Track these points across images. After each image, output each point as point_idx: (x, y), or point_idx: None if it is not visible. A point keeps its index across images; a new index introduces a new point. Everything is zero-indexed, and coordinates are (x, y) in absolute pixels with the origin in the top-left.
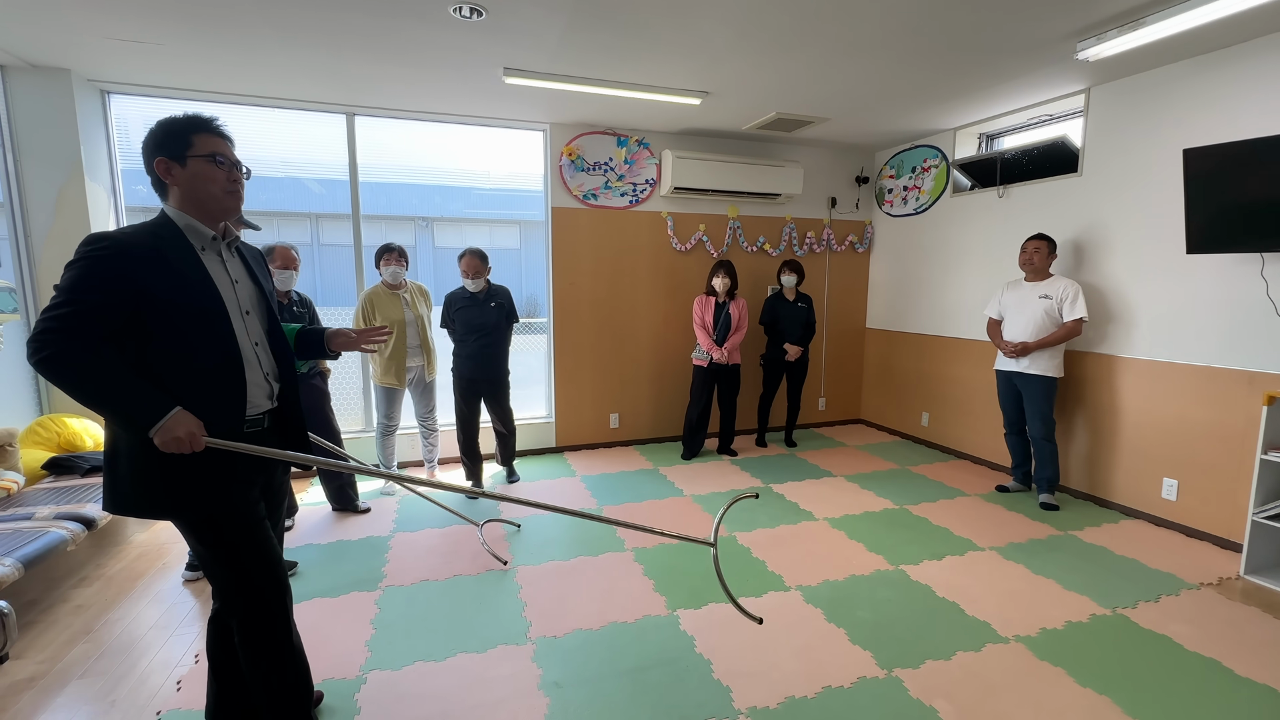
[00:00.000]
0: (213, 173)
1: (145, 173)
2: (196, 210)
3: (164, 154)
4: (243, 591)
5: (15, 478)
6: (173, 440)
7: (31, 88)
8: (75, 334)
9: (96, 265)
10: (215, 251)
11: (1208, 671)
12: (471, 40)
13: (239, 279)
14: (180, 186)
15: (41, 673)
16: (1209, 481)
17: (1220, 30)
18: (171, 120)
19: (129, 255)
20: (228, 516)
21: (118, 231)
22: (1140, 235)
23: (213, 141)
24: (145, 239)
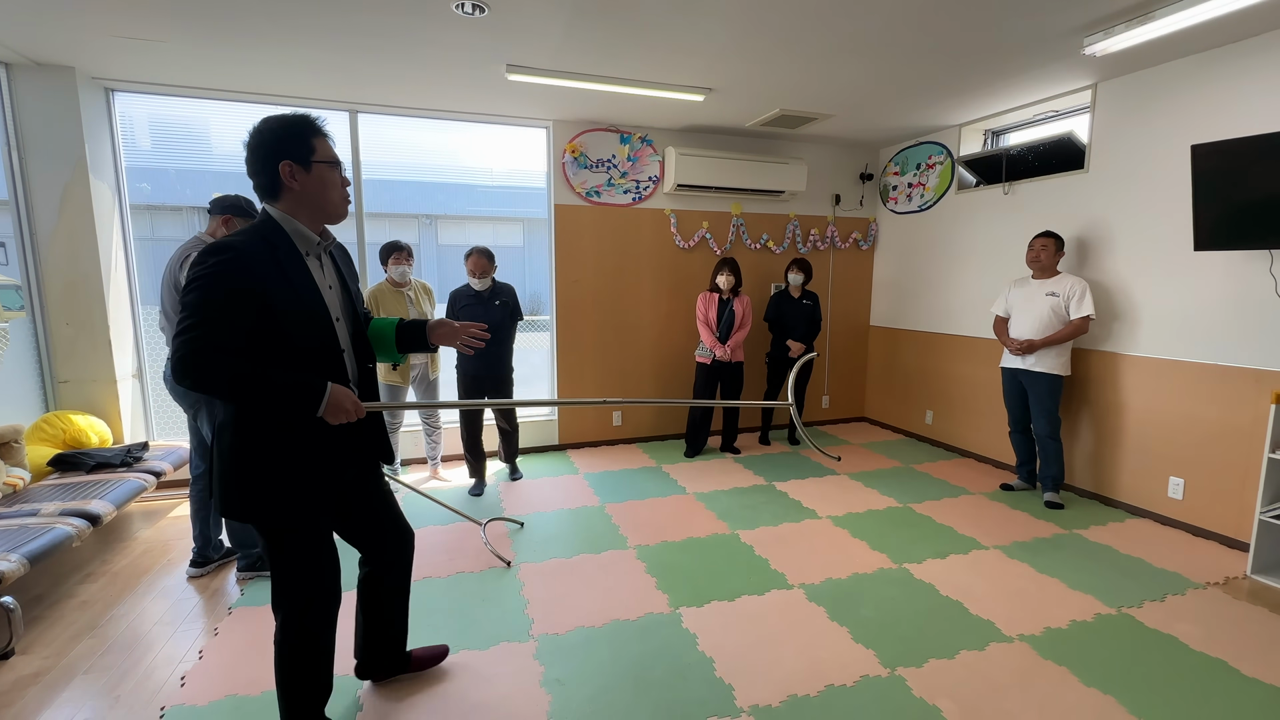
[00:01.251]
0: (335, 178)
1: (250, 174)
2: (310, 214)
3: (290, 157)
4: (291, 597)
5: (21, 474)
6: (341, 411)
7: (36, 85)
8: (216, 350)
9: (222, 279)
10: (315, 256)
11: (1214, 672)
12: (474, 37)
13: (332, 284)
14: (301, 190)
15: (47, 668)
16: (1216, 480)
17: (1229, 25)
18: (290, 121)
19: (250, 266)
20: (291, 532)
21: (236, 240)
22: (1147, 232)
23: (329, 146)
24: (261, 246)
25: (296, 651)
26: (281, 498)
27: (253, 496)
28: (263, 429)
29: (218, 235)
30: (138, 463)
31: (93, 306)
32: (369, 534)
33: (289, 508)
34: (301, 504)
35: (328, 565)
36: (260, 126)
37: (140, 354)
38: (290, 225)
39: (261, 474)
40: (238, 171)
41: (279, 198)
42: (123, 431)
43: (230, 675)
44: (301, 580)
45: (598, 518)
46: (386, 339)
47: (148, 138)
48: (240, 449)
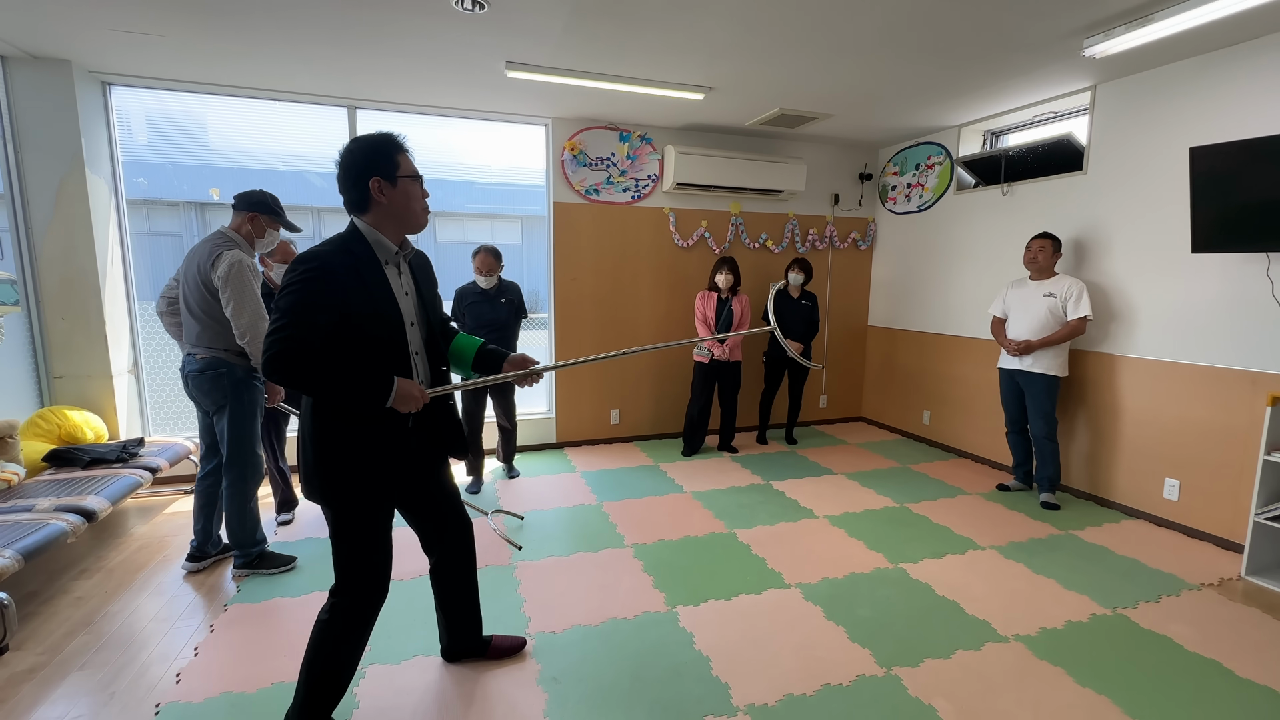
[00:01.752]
0: (416, 191)
1: (342, 190)
2: (394, 226)
3: (379, 174)
4: (346, 580)
5: (16, 469)
6: (410, 400)
7: (32, 79)
8: (302, 349)
9: (310, 285)
10: (394, 265)
11: (1208, 672)
12: (474, 33)
13: (409, 291)
14: (387, 205)
15: (42, 664)
16: (1211, 482)
17: (1228, 27)
18: (377, 140)
19: (333, 275)
20: (354, 519)
21: (322, 250)
22: (1145, 234)
23: (410, 161)
24: (344, 257)
25: (339, 633)
26: (356, 482)
27: (330, 478)
28: (341, 418)
29: (242, 230)
30: (133, 459)
31: (88, 301)
32: (433, 524)
33: (363, 492)
34: (374, 489)
35: (385, 556)
36: (350, 147)
37: (136, 349)
38: (373, 236)
39: (340, 459)
40: (235, 166)
41: (367, 211)
42: (118, 427)
43: (226, 672)
44: (363, 565)
45: (595, 516)
46: (465, 357)
47: (144, 132)
48: (320, 436)
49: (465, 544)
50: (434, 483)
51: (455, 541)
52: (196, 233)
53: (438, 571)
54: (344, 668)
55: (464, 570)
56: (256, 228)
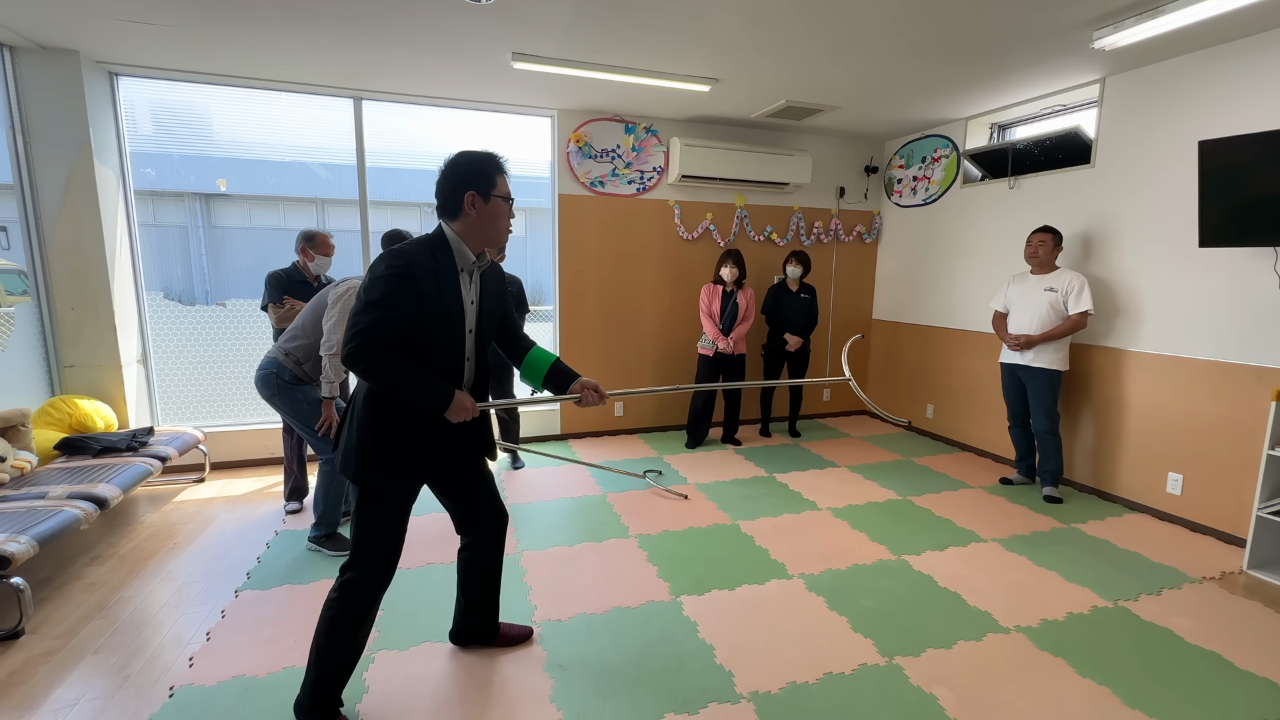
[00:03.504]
0: (505, 211)
1: (438, 195)
2: (478, 238)
3: (475, 189)
4: (366, 558)
5: (28, 457)
6: (463, 412)
7: (40, 69)
8: (383, 341)
9: (395, 282)
10: (469, 273)
11: (1208, 664)
12: (480, 24)
13: (474, 300)
14: (477, 218)
15: (57, 648)
16: (1214, 476)
17: (1239, 20)
18: (482, 158)
19: (415, 275)
20: (382, 499)
21: (410, 250)
22: (1152, 228)
23: (506, 183)
24: (428, 260)
25: (348, 609)
26: (391, 468)
27: (366, 461)
28: (394, 411)
29: None
30: (143, 447)
31: (97, 291)
32: (469, 512)
33: (395, 478)
34: (405, 476)
35: (399, 539)
36: (455, 158)
37: (144, 339)
38: (456, 243)
39: (386, 446)
40: (240, 157)
41: (456, 219)
42: (128, 416)
43: (237, 657)
44: (378, 542)
45: (599, 507)
46: (539, 370)
47: (150, 123)
48: (371, 422)
49: (497, 533)
50: (470, 472)
51: (488, 529)
52: (202, 223)
53: (466, 553)
54: (351, 646)
55: (491, 558)
56: None
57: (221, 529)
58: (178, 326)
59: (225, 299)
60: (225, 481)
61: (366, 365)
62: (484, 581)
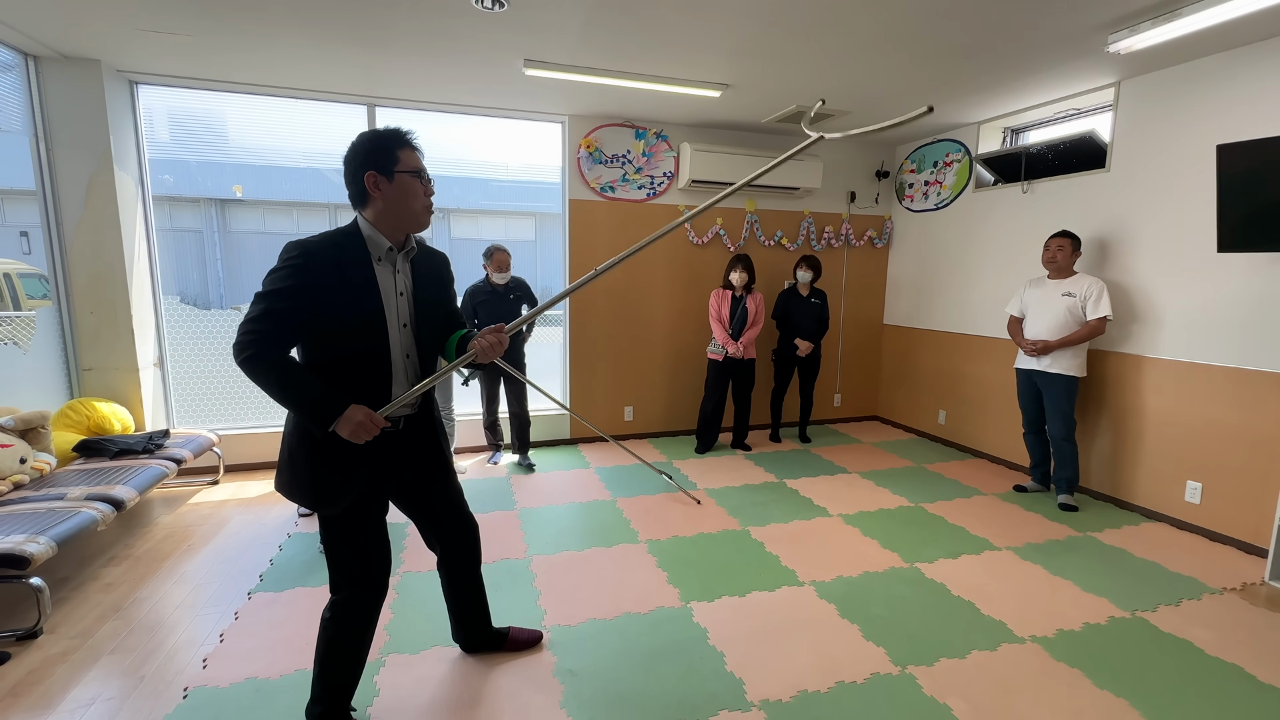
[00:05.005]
0: (416, 188)
1: (346, 184)
2: (391, 223)
3: (374, 168)
4: (337, 579)
5: (47, 459)
6: (356, 426)
7: (63, 78)
8: (270, 338)
9: (288, 275)
10: (390, 262)
11: (1229, 677)
12: (493, 31)
13: (404, 291)
14: (384, 200)
15: (74, 648)
16: (1235, 485)
17: (1256, 22)
18: (378, 134)
19: (311, 266)
20: (336, 520)
21: (308, 241)
22: (1169, 233)
23: (414, 157)
24: (329, 250)
25: (340, 632)
26: (329, 486)
27: (311, 483)
28: None
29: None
30: (159, 450)
31: (116, 296)
32: (433, 526)
33: (335, 496)
34: (345, 494)
35: (375, 556)
36: (353, 141)
37: (161, 343)
38: (368, 231)
39: (314, 462)
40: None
41: (365, 206)
42: (144, 419)
43: (250, 658)
44: (348, 566)
45: (609, 512)
46: (450, 348)
47: (168, 130)
48: (297, 435)
49: (466, 544)
50: (434, 488)
51: (455, 542)
52: (217, 229)
53: (442, 567)
54: (354, 661)
55: (466, 569)
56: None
57: (235, 531)
58: (193, 330)
59: (240, 303)
60: (239, 484)
61: (250, 366)
62: (464, 594)
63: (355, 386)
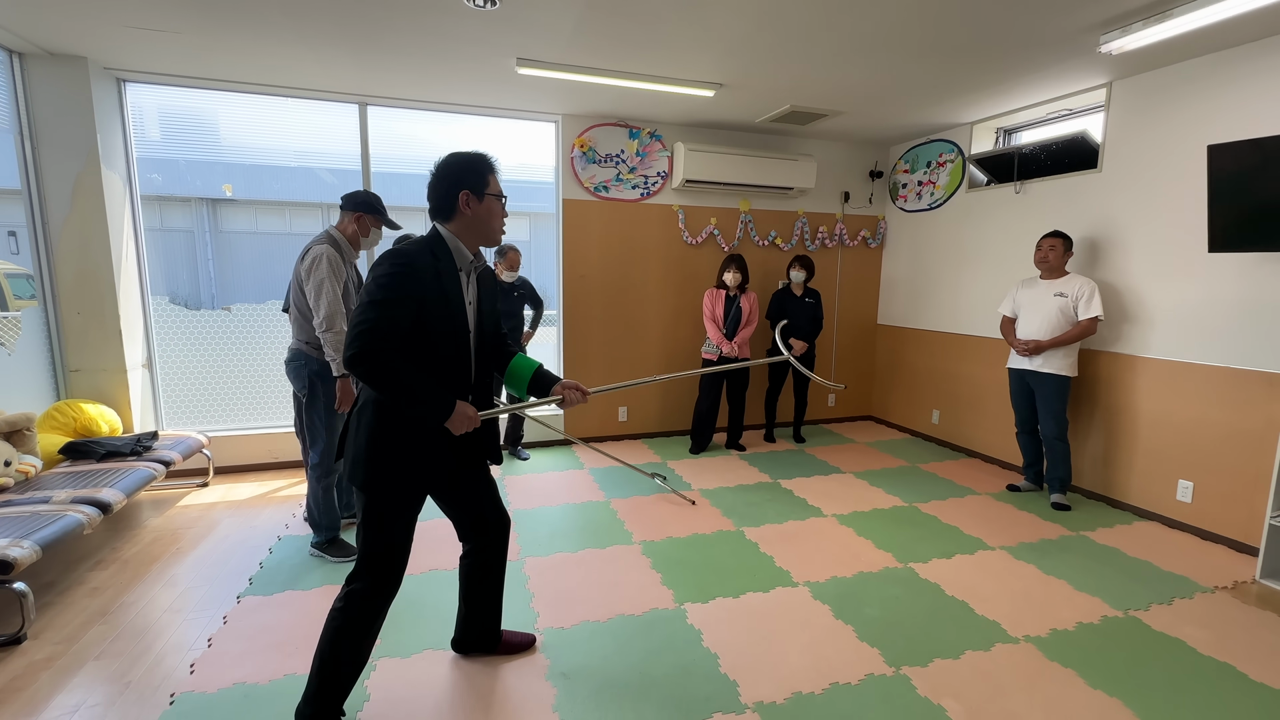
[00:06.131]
0: (499, 210)
1: (431, 196)
2: (472, 237)
3: (468, 188)
4: (367, 565)
5: (33, 461)
6: (464, 421)
7: (49, 75)
8: (388, 341)
9: (398, 280)
10: (466, 273)
11: (1221, 676)
12: (485, 30)
13: (472, 300)
14: (472, 217)
15: (59, 653)
16: (1226, 484)
17: (1249, 23)
18: (475, 157)
19: (419, 274)
20: (390, 509)
21: (410, 249)
22: (1160, 233)
23: (498, 182)
24: (429, 259)
25: (353, 620)
26: (400, 475)
27: (374, 468)
28: (403, 416)
29: (347, 230)
30: (147, 452)
31: (103, 296)
32: (473, 518)
33: (404, 485)
34: (414, 484)
35: (407, 548)
36: (448, 159)
37: (150, 344)
38: (453, 243)
39: (394, 453)
40: (247, 163)
41: (451, 219)
42: (132, 421)
43: (239, 664)
44: (386, 553)
45: (603, 513)
46: (523, 377)
47: (158, 129)
48: (379, 427)
49: (501, 539)
50: (475, 479)
51: (493, 536)
52: (209, 228)
53: (469, 560)
54: (356, 658)
55: (496, 565)
56: (362, 227)
57: (225, 534)
58: (183, 331)
59: (231, 303)
60: (229, 486)
61: (370, 367)
62: (487, 589)
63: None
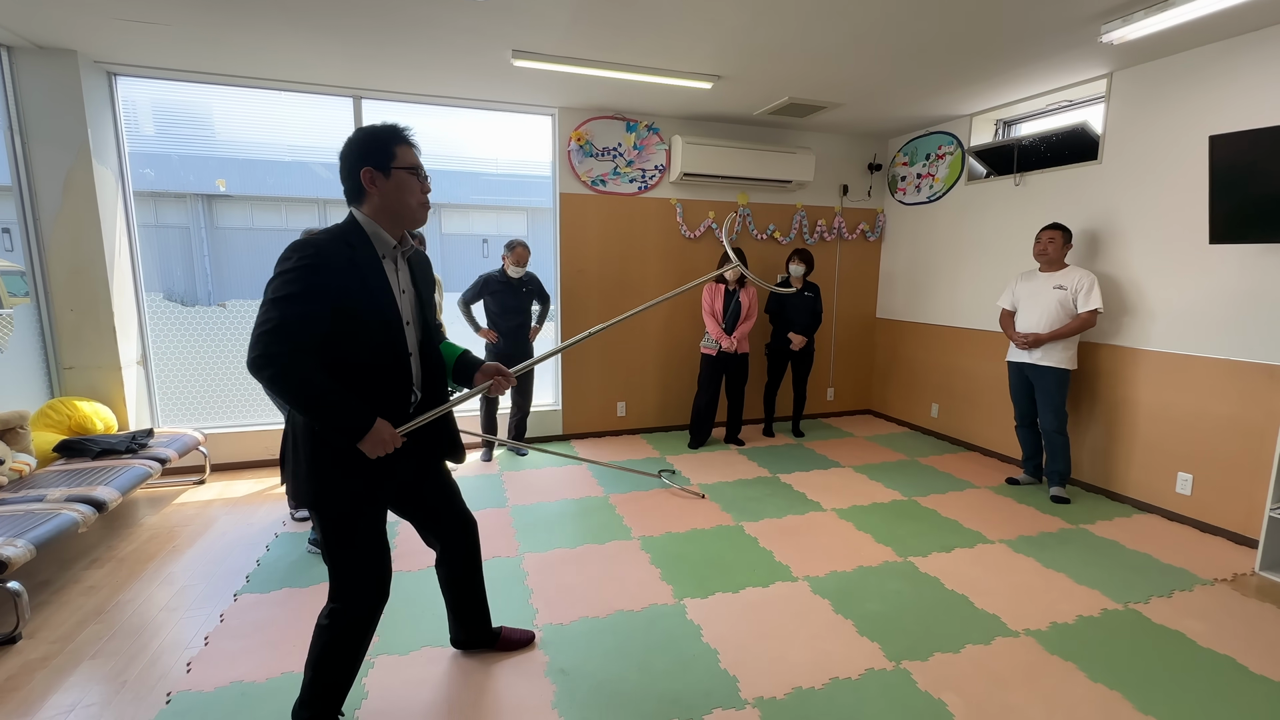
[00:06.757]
0: (412, 185)
1: (341, 180)
2: (389, 220)
3: (370, 164)
4: (343, 587)
5: (27, 459)
6: (380, 443)
7: (38, 69)
8: (294, 342)
9: (305, 274)
10: (392, 260)
11: (1221, 668)
12: (480, 21)
13: (406, 289)
14: (381, 196)
15: (54, 653)
16: (1225, 476)
17: (1251, 12)
18: (375, 130)
19: (326, 266)
20: (349, 524)
21: (318, 239)
22: (1161, 225)
23: (410, 153)
24: (342, 248)
25: (338, 637)
26: (345, 487)
27: (320, 484)
28: None
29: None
30: (143, 449)
31: (97, 292)
32: (431, 525)
33: (352, 497)
34: (363, 494)
35: (383, 560)
36: (349, 136)
37: (144, 341)
38: (370, 228)
39: (329, 463)
40: (240, 157)
41: (362, 202)
42: (127, 418)
43: (236, 662)
44: (360, 571)
45: (602, 508)
46: (447, 367)
47: (150, 123)
48: (317, 437)
49: (466, 542)
50: (429, 484)
51: (455, 540)
52: (204, 224)
53: (442, 569)
54: (347, 669)
55: (467, 567)
56: None
57: (221, 532)
58: (178, 327)
59: (226, 300)
60: (225, 483)
61: (275, 371)
62: (465, 592)
63: (376, 387)
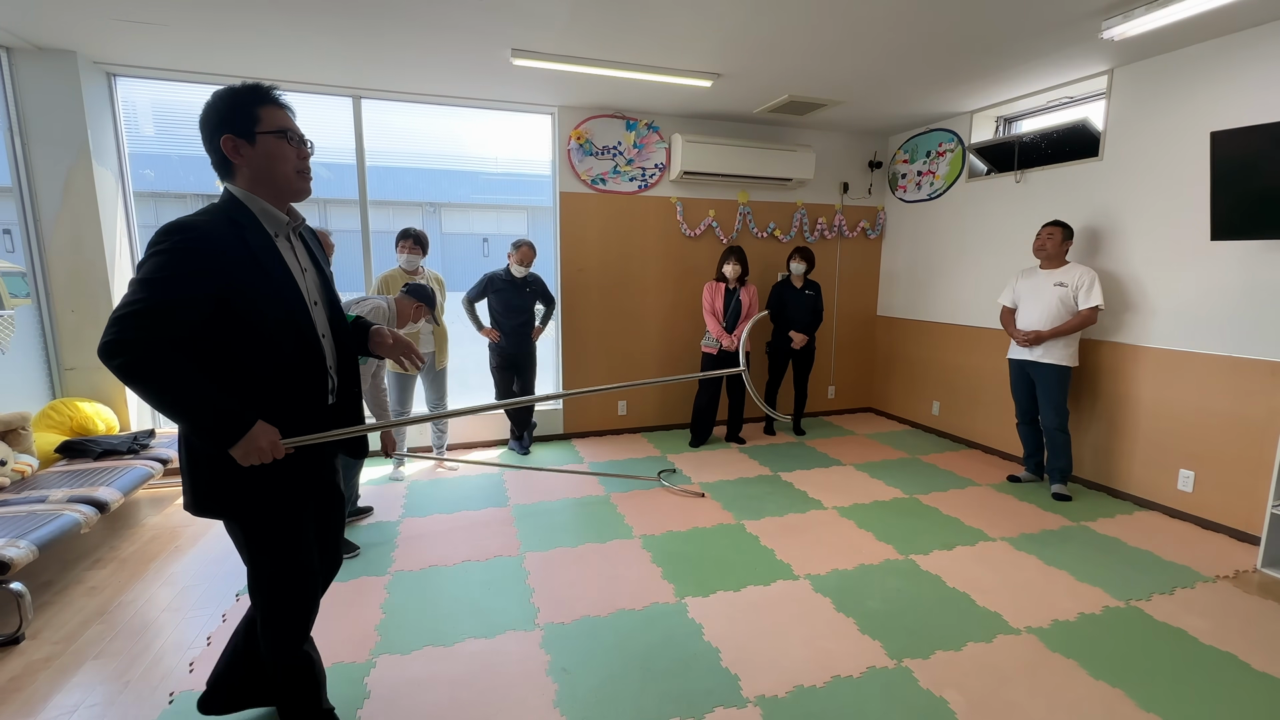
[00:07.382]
0: (284, 151)
1: (206, 151)
2: (268, 193)
3: (231, 130)
4: (263, 596)
5: (29, 460)
6: (255, 451)
7: (38, 70)
8: (157, 327)
9: (179, 259)
10: (285, 237)
11: (1223, 666)
12: (479, 20)
13: (306, 267)
14: (250, 167)
15: (57, 653)
16: (1227, 473)
17: (1253, 8)
18: (233, 92)
19: (213, 249)
20: (265, 526)
21: (198, 219)
22: (1162, 221)
23: (279, 115)
24: (226, 228)
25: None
26: (256, 489)
27: (226, 490)
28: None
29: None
30: (144, 450)
31: (98, 293)
32: None
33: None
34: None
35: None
36: (206, 101)
37: None
38: (256, 205)
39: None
40: None
41: (234, 176)
42: (129, 419)
43: None
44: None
45: (603, 507)
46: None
47: (151, 124)
48: None
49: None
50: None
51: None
52: None
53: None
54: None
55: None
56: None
57: (223, 531)
58: None
59: None
60: None
61: (130, 359)
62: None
63: (286, 379)
